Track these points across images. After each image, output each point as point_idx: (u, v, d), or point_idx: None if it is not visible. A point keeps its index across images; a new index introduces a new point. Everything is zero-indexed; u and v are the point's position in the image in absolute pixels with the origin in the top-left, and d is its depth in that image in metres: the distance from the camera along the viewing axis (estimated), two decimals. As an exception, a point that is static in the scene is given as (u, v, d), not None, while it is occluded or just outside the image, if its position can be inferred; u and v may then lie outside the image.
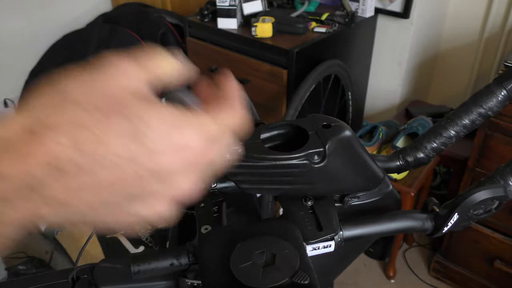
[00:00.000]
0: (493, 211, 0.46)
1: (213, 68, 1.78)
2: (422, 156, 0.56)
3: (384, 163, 0.56)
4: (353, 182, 0.46)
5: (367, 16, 1.82)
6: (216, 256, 0.38)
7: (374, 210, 0.49)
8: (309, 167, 0.42)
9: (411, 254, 1.94)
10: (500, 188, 0.44)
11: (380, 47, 1.97)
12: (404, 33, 1.86)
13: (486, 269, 1.64)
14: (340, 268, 0.56)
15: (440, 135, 0.55)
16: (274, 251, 0.37)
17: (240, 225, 0.42)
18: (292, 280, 0.35)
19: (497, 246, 1.56)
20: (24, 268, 1.74)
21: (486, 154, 1.44)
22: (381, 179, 0.48)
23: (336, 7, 1.87)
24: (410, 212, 0.47)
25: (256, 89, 1.68)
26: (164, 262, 0.41)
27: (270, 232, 0.41)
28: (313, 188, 0.44)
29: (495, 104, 0.53)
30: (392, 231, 0.46)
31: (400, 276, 1.84)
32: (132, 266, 0.40)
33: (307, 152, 0.41)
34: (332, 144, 0.42)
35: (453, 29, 2.02)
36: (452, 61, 2.10)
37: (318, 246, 0.43)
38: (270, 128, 0.47)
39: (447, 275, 1.78)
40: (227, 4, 1.66)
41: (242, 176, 0.43)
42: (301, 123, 0.45)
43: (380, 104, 2.12)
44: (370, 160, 0.46)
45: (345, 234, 0.44)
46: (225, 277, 0.36)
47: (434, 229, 0.46)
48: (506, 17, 1.83)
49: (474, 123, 0.55)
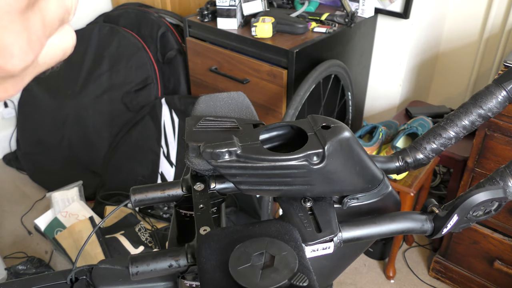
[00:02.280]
0: (493, 212, 0.46)
1: (213, 68, 1.78)
2: (422, 157, 0.56)
3: (384, 164, 0.56)
4: (352, 183, 0.46)
5: (367, 16, 1.82)
6: (215, 257, 0.38)
7: (373, 211, 0.49)
8: (308, 168, 0.42)
9: (411, 254, 1.94)
10: (499, 190, 0.44)
11: (380, 47, 1.97)
12: (404, 33, 1.86)
13: (485, 269, 1.64)
14: (339, 269, 0.56)
15: (439, 136, 0.55)
16: (273, 253, 0.37)
17: (239, 227, 0.42)
18: (291, 282, 0.35)
19: (497, 246, 1.56)
20: (24, 268, 1.74)
21: (486, 154, 1.44)
22: (380, 180, 0.48)
23: (336, 7, 1.87)
24: (409, 213, 0.47)
25: (255, 89, 1.68)
26: (163, 264, 0.41)
27: (269, 234, 0.41)
28: (312, 189, 0.44)
29: (494, 105, 0.53)
30: (392, 233, 0.46)
31: (399, 276, 1.84)
32: (131, 267, 0.40)
33: (306, 153, 0.41)
34: (331, 145, 0.42)
35: (453, 30, 2.02)
36: (452, 61, 2.10)
37: (317, 247, 0.43)
38: (269, 129, 0.47)
39: (446, 275, 1.78)
40: (227, 4, 1.65)
41: (241, 177, 0.43)
42: (300, 124, 0.45)
43: (380, 104, 2.12)
44: (369, 161, 0.46)
45: (344, 235, 0.44)
46: (224, 279, 0.36)
47: (433, 231, 0.46)
48: (506, 18, 1.83)
49: (473, 124, 0.55)
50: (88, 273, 0.55)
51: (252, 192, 0.45)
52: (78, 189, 1.98)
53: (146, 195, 0.51)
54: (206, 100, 0.55)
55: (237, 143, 0.42)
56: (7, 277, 1.68)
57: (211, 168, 0.44)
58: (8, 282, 0.56)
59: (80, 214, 1.80)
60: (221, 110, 0.53)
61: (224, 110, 0.53)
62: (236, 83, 1.72)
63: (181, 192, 0.51)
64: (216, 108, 0.54)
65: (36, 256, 1.83)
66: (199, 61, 1.84)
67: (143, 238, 1.70)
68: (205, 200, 0.46)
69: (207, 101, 0.55)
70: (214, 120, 0.47)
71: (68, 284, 0.55)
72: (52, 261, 1.86)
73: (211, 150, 0.41)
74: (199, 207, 0.45)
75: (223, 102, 0.54)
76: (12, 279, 1.67)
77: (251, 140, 0.43)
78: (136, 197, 0.51)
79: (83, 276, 0.55)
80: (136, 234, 1.70)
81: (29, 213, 2.08)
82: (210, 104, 0.55)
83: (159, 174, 1.96)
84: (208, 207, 0.45)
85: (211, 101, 0.55)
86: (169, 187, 0.51)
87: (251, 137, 0.44)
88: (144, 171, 1.97)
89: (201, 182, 0.48)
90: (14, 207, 2.14)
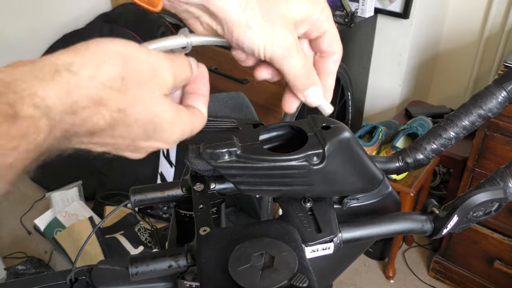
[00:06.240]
0: (493, 213, 0.46)
1: (213, 68, 1.78)
2: (422, 158, 0.56)
3: (384, 165, 0.56)
4: (352, 183, 0.46)
5: (367, 16, 1.81)
6: (215, 258, 0.38)
7: (373, 211, 0.49)
8: (308, 169, 0.42)
9: (411, 254, 1.94)
10: (499, 190, 0.44)
11: (380, 47, 1.96)
12: (404, 33, 1.86)
13: (485, 269, 1.64)
14: (339, 269, 0.56)
15: (439, 136, 0.55)
16: (272, 253, 0.37)
17: (238, 227, 0.42)
18: (291, 283, 0.35)
19: (497, 246, 1.56)
20: (23, 268, 1.74)
21: (486, 154, 1.44)
22: (380, 180, 0.48)
23: (336, 7, 1.87)
24: (409, 214, 0.47)
25: (255, 89, 1.68)
26: (163, 264, 0.41)
27: (268, 234, 0.41)
28: (312, 190, 0.44)
29: (495, 105, 0.53)
30: (392, 233, 0.46)
31: (399, 276, 1.84)
32: (130, 267, 0.40)
33: (306, 153, 0.41)
34: (331, 145, 0.42)
35: (453, 29, 2.02)
36: (452, 61, 2.10)
37: (317, 248, 0.43)
38: (269, 129, 0.47)
39: (446, 275, 1.78)
40: (226, 4, 1.65)
41: (241, 178, 0.42)
42: (300, 124, 0.45)
43: (379, 104, 2.12)
44: (369, 161, 0.46)
45: (344, 236, 0.44)
46: (224, 279, 0.36)
47: (433, 231, 0.46)
48: (506, 17, 1.83)
49: (473, 125, 0.55)
50: (88, 274, 0.55)
51: (252, 193, 0.45)
52: (78, 189, 1.98)
53: (145, 196, 0.51)
54: (206, 100, 0.54)
55: (237, 143, 0.42)
56: (6, 277, 1.68)
57: (211, 168, 0.44)
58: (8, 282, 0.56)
59: (80, 214, 1.80)
60: (220, 110, 0.53)
61: (224, 110, 0.53)
62: (236, 83, 1.72)
63: (180, 192, 0.51)
64: (216, 108, 0.53)
65: (36, 256, 1.83)
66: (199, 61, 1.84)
67: (142, 238, 1.70)
68: (205, 200, 0.46)
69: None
70: (213, 120, 0.47)
71: (68, 284, 0.55)
72: (52, 261, 1.86)
73: (211, 151, 0.41)
74: (199, 207, 0.45)
75: (223, 102, 0.54)
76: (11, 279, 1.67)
77: (251, 140, 0.43)
78: (136, 197, 0.50)
79: (83, 277, 0.55)
80: (136, 234, 1.70)
81: (29, 213, 2.08)
82: (209, 104, 0.55)
83: (158, 174, 1.96)
84: (208, 208, 0.45)
85: (211, 101, 0.54)
86: (168, 188, 0.51)
87: (251, 138, 0.44)
88: (144, 171, 1.97)
89: (201, 183, 0.48)
90: (13, 207, 2.14)
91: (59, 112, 0.26)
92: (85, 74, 0.28)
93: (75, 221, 1.74)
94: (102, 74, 0.28)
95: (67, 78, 0.27)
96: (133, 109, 0.30)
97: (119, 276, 0.55)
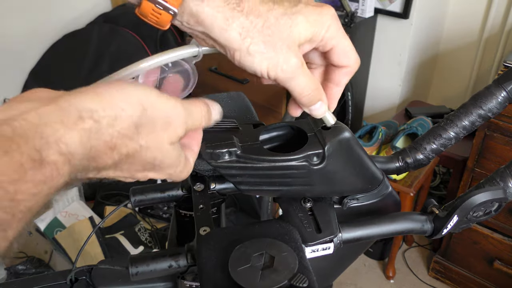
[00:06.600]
0: (493, 213, 0.46)
1: (213, 68, 1.78)
2: (422, 158, 0.56)
3: (383, 165, 0.56)
4: (352, 183, 0.46)
5: (367, 16, 1.81)
6: (215, 258, 0.38)
7: (373, 211, 0.49)
8: (308, 169, 0.42)
9: (411, 254, 1.94)
10: (499, 190, 0.44)
11: (380, 47, 1.96)
12: (403, 33, 1.86)
13: (485, 269, 1.64)
14: (339, 270, 0.56)
15: (439, 137, 0.55)
16: (272, 253, 0.37)
17: (238, 227, 0.42)
18: (291, 283, 0.35)
19: (497, 246, 1.56)
20: (24, 268, 1.74)
21: (486, 154, 1.44)
22: (380, 180, 0.48)
23: (336, 7, 1.86)
24: (409, 214, 0.47)
25: (255, 89, 1.68)
26: (163, 264, 0.41)
27: (268, 234, 0.41)
28: (312, 190, 0.44)
29: (494, 106, 0.53)
30: (392, 233, 0.46)
31: (399, 276, 1.84)
32: (131, 267, 0.40)
33: (306, 153, 0.41)
34: (331, 145, 0.42)
35: (453, 29, 2.02)
36: (452, 61, 2.10)
37: (317, 248, 0.43)
38: (269, 129, 0.47)
39: (446, 275, 1.78)
40: (226, 4, 1.65)
41: (241, 178, 0.43)
42: (300, 125, 0.45)
43: (379, 104, 2.12)
44: (369, 161, 0.46)
45: (344, 236, 0.44)
46: (224, 279, 0.36)
47: (433, 231, 0.46)
48: (506, 17, 1.83)
49: (473, 125, 0.55)
50: (88, 274, 0.55)
51: (252, 193, 0.45)
52: (78, 189, 1.97)
53: (146, 196, 0.51)
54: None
55: (237, 143, 0.42)
56: (6, 277, 1.68)
57: (211, 168, 0.44)
58: (8, 282, 0.56)
59: (80, 214, 1.80)
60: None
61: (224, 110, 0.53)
62: (236, 83, 1.72)
63: (181, 192, 0.51)
64: (216, 108, 0.53)
65: (36, 256, 1.83)
66: (199, 61, 1.84)
67: (142, 238, 1.70)
68: (205, 200, 0.46)
69: (207, 101, 0.54)
70: (214, 120, 0.47)
71: (68, 284, 0.55)
72: (52, 261, 1.86)
73: (211, 151, 0.41)
74: (199, 207, 0.45)
75: (223, 102, 0.54)
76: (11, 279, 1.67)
77: (251, 140, 0.43)
78: (136, 197, 0.51)
79: (83, 277, 0.55)
80: (136, 234, 1.70)
81: (29, 213, 2.08)
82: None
83: (159, 174, 1.95)
84: (208, 208, 0.45)
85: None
86: (169, 188, 0.51)
87: (251, 138, 0.44)
88: (144, 171, 1.97)
89: (201, 183, 0.48)
90: (13, 207, 2.14)
91: (80, 158, 0.28)
92: (106, 122, 0.29)
93: (75, 221, 1.74)
94: (120, 123, 0.30)
95: (89, 125, 0.28)
96: (140, 154, 0.32)
97: (119, 276, 0.55)
